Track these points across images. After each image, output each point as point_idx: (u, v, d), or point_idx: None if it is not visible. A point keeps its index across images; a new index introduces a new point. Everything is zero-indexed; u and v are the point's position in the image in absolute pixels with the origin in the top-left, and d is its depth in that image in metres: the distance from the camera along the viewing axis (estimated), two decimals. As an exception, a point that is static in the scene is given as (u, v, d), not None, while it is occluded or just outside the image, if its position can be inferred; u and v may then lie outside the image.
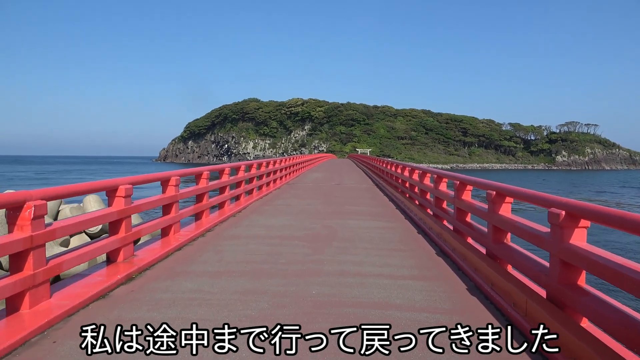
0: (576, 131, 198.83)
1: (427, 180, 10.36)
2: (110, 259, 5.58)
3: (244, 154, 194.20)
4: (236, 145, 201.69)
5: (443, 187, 8.54)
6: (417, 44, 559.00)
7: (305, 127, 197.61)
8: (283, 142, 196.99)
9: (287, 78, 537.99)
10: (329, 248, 6.78)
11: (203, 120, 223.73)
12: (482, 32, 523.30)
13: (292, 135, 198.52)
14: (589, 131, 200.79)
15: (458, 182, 7.00)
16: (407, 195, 12.39)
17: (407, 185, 13.26)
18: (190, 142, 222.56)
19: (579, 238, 3.59)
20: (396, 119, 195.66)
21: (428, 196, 10.20)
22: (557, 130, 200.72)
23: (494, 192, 5.31)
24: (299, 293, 4.66)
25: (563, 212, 3.58)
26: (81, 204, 16.30)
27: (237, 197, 12.22)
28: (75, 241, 13.75)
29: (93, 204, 16.04)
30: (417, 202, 10.86)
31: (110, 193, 5.54)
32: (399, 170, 15.11)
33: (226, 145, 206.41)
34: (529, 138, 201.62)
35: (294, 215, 10.08)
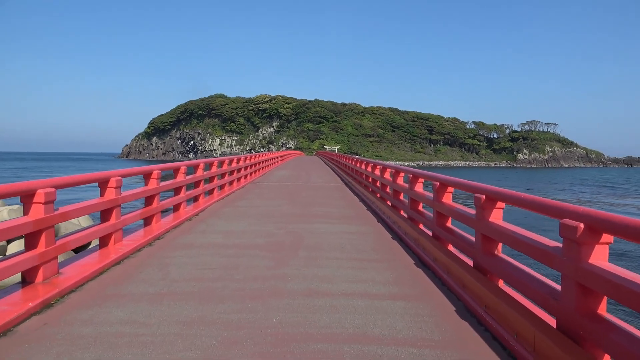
0: (537, 130, 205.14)
1: (400, 180, 9.69)
2: (26, 279, 4.57)
3: (210, 150, 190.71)
4: (202, 142, 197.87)
5: (419, 187, 7.85)
6: (385, 42, 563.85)
7: (273, 124, 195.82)
8: (250, 139, 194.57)
9: (254, 74, 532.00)
10: (294, 259, 5.94)
11: (168, 116, 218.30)
12: (448, 31, 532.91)
13: (259, 132, 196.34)
14: (548, 130, 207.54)
15: (438, 184, 6.30)
16: (379, 196, 11.69)
17: (378, 184, 12.58)
18: (154, 138, 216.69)
19: (600, 256, 2.96)
20: (364, 117, 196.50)
21: (402, 197, 9.53)
22: (519, 129, 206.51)
23: (484, 196, 4.62)
24: (256, 323, 3.80)
25: (582, 225, 2.93)
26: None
27: (195, 198, 11.22)
28: (14, 247, 12.39)
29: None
30: (389, 203, 10.17)
31: (26, 199, 4.53)
32: (369, 169, 14.41)
33: (192, 142, 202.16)
34: (492, 136, 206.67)
35: (256, 219, 9.19)
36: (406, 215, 8.28)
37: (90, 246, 8.16)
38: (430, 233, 6.57)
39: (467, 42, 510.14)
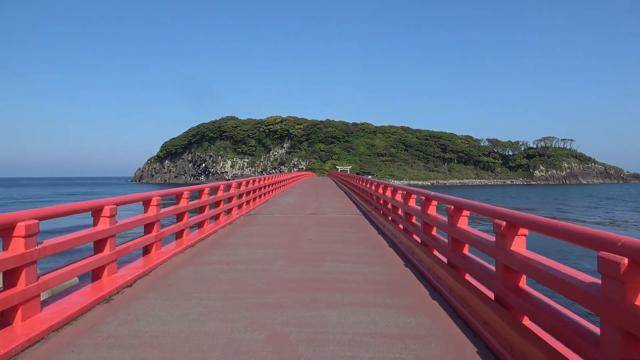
0: (553, 146, 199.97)
1: (463, 222, 5.79)
2: None
3: (222, 173, 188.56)
4: (214, 165, 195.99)
5: (519, 245, 4.04)
6: (395, 61, 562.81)
7: (285, 145, 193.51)
8: (262, 160, 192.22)
9: (265, 95, 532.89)
10: None
11: (180, 139, 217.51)
12: (457, 48, 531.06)
13: (271, 154, 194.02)
14: (565, 146, 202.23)
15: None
16: (420, 241, 7.81)
17: (414, 220, 8.78)
18: (166, 161, 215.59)
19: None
20: (375, 136, 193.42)
21: (466, 250, 5.70)
22: (535, 146, 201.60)
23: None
24: None
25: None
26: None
27: (145, 250, 7.50)
28: None
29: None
30: (441, 257, 6.36)
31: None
32: (397, 197, 10.61)
33: (204, 165, 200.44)
34: (507, 153, 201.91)
35: (223, 298, 5.35)
36: (492, 296, 4.44)
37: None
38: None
39: (477, 60, 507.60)
